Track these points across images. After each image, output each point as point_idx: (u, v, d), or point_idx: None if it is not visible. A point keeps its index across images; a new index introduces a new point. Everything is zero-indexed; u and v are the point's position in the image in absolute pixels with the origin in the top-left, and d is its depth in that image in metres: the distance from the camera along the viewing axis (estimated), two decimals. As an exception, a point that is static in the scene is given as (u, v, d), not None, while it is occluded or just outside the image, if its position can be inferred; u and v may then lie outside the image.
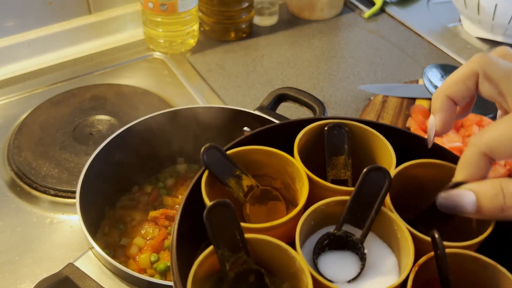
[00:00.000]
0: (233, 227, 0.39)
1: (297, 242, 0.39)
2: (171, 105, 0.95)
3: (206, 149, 0.43)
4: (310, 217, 0.41)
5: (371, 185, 0.40)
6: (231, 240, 0.39)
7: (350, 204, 0.41)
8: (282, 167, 0.46)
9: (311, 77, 1.04)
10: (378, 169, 0.41)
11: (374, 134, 0.46)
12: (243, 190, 0.44)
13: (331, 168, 0.46)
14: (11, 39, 1.02)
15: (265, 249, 0.40)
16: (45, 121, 0.90)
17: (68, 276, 0.58)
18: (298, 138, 0.46)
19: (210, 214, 0.38)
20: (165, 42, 1.06)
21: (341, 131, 0.46)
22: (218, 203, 0.39)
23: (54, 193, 0.79)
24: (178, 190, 0.77)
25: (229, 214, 0.39)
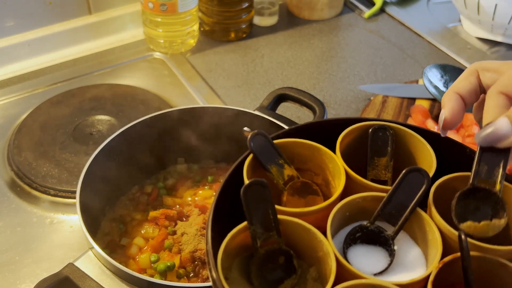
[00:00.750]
0: (267, 206, 0.41)
1: (328, 228, 0.40)
2: (171, 105, 0.95)
3: (253, 135, 0.45)
4: (345, 207, 0.42)
5: (409, 185, 0.42)
6: (264, 218, 0.40)
7: (386, 201, 0.42)
8: (324, 162, 0.47)
9: (311, 77, 1.04)
10: (417, 171, 0.42)
11: (418, 139, 0.47)
12: (283, 178, 0.46)
13: (372, 168, 0.48)
14: (11, 39, 1.02)
15: (295, 232, 0.41)
16: (45, 121, 0.90)
17: (68, 276, 0.58)
18: (342, 136, 0.47)
19: (247, 190, 0.40)
20: (165, 42, 1.06)
21: (385, 133, 0.48)
22: (256, 182, 0.41)
23: (54, 193, 0.79)
24: (178, 190, 0.77)
25: (265, 194, 0.41)
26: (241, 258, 0.42)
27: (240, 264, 0.42)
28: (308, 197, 0.47)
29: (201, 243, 0.67)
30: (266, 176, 0.45)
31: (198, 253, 0.66)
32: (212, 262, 0.39)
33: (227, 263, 0.41)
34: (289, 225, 0.41)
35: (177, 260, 0.66)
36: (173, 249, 0.68)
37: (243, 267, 0.42)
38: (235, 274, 0.41)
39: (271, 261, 0.41)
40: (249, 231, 0.40)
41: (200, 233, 0.68)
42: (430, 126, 0.84)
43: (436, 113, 0.91)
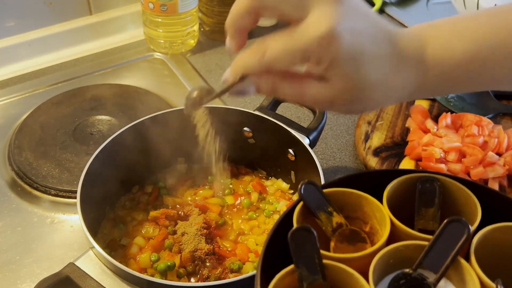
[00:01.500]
0: (313, 251, 0.43)
1: (370, 274, 0.42)
2: (171, 105, 0.95)
3: (304, 184, 0.48)
4: (387, 255, 0.44)
5: (450, 235, 0.43)
6: (310, 262, 0.43)
7: (428, 249, 0.44)
8: (371, 211, 0.49)
9: (311, 77, 1.04)
10: (458, 221, 0.44)
11: (464, 190, 0.49)
12: (332, 225, 0.48)
13: (420, 218, 0.49)
14: (12, 39, 1.02)
15: (340, 276, 0.44)
16: (46, 121, 0.90)
17: (68, 275, 0.58)
18: (389, 187, 0.49)
19: (294, 235, 0.43)
20: (166, 42, 1.06)
21: (433, 185, 0.50)
22: (302, 227, 0.44)
23: (54, 193, 0.79)
24: (179, 190, 0.78)
25: (311, 239, 0.43)
26: None
27: None
28: (356, 244, 0.49)
29: (201, 242, 0.68)
30: (316, 223, 0.48)
31: (198, 253, 0.67)
32: None
33: None
34: (334, 269, 0.44)
35: (177, 259, 0.66)
36: (173, 249, 0.68)
37: None
38: None
39: None
40: (296, 273, 0.43)
41: (200, 233, 0.68)
42: (430, 126, 0.84)
43: (436, 113, 0.91)
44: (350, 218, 0.50)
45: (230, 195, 0.77)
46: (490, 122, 0.84)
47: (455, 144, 0.80)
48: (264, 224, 0.74)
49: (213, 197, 0.76)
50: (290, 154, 0.75)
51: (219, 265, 0.67)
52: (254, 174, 0.81)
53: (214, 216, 0.72)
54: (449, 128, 0.84)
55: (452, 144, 0.80)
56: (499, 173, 0.78)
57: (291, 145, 0.74)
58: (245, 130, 0.78)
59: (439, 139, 0.81)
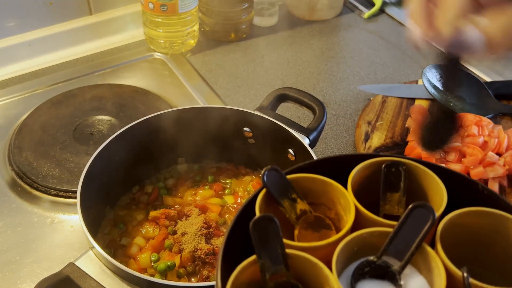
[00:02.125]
0: (276, 241, 0.42)
1: (333, 262, 0.41)
2: (171, 105, 0.95)
3: (267, 170, 0.46)
4: (352, 242, 0.43)
5: (415, 221, 0.42)
6: (273, 252, 0.42)
7: (392, 236, 0.42)
8: (336, 197, 0.48)
9: (311, 77, 1.05)
10: (423, 206, 0.42)
11: (430, 175, 0.48)
12: (296, 212, 0.47)
13: (385, 204, 0.48)
14: (12, 39, 1.03)
15: (303, 266, 0.42)
16: (46, 121, 0.90)
17: (68, 275, 0.58)
18: (354, 172, 0.48)
19: (256, 224, 0.42)
20: (166, 42, 1.06)
21: (398, 169, 0.48)
22: (264, 217, 0.42)
23: (54, 193, 0.79)
24: (179, 190, 0.78)
25: (274, 228, 0.42)
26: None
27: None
28: (321, 231, 0.48)
29: (201, 242, 0.68)
30: (279, 211, 0.46)
31: (198, 253, 0.67)
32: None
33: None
34: (297, 259, 0.42)
35: (178, 259, 0.66)
36: (174, 249, 0.68)
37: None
38: None
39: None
40: (258, 264, 0.41)
41: (200, 233, 0.68)
42: (430, 126, 0.84)
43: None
44: (314, 204, 0.49)
45: (230, 195, 0.77)
46: (490, 122, 0.84)
47: (455, 144, 0.80)
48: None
49: (213, 197, 0.76)
50: (290, 154, 0.75)
51: (219, 265, 0.67)
52: (254, 174, 0.81)
53: (214, 216, 0.72)
54: (449, 128, 0.84)
55: (452, 144, 0.80)
56: (499, 173, 0.78)
57: (291, 145, 0.74)
58: (245, 130, 0.78)
59: (439, 139, 0.81)
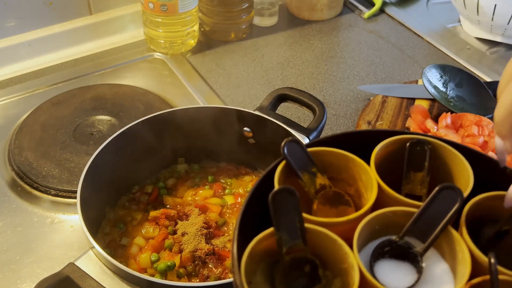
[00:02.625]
0: (295, 214, 0.40)
1: (354, 240, 0.40)
2: (171, 105, 0.95)
3: (287, 142, 0.45)
4: (374, 221, 0.42)
5: (442, 202, 0.41)
6: (291, 226, 0.40)
7: (417, 217, 0.41)
8: (357, 173, 0.46)
9: (311, 77, 1.05)
10: (451, 188, 0.41)
11: (456, 155, 0.46)
12: (315, 187, 0.45)
13: (407, 183, 0.46)
14: (12, 39, 1.03)
15: (322, 241, 0.41)
16: (46, 121, 0.90)
17: (68, 275, 0.58)
18: (378, 148, 0.46)
19: (275, 197, 0.40)
20: (166, 42, 1.06)
21: (423, 148, 0.46)
22: (284, 189, 0.40)
23: (54, 193, 0.79)
24: (179, 190, 0.78)
25: (293, 201, 0.40)
26: (266, 264, 0.42)
27: (264, 269, 0.42)
28: (339, 207, 0.46)
29: (201, 242, 0.68)
30: (298, 184, 0.45)
31: (198, 253, 0.67)
32: (236, 265, 0.39)
33: (252, 267, 0.40)
34: (316, 234, 0.41)
35: (178, 259, 0.66)
36: (174, 249, 0.68)
37: (268, 273, 0.41)
38: (259, 279, 0.41)
39: (296, 269, 0.41)
40: (275, 237, 0.40)
41: (200, 233, 0.68)
42: (430, 126, 0.84)
43: (436, 113, 0.91)
44: (334, 179, 0.47)
45: (230, 195, 0.77)
46: (490, 122, 0.84)
47: (455, 144, 0.80)
48: (264, 224, 0.74)
49: (213, 197, 0.76)
50: (290, 154, 0.75)
51: (219, 265, 0.67)
52: (254, 174, 0.81)
53: (214, 216, 0.72)
54: (449, 128, 0.84)
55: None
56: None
57: (291, 145, 0.74)
58: (245, 130, 0.78)
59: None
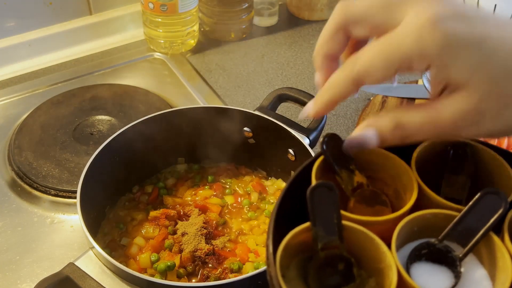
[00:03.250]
0: (333, 210, 0.40)
1: (393, 240, 0.39)
2: (171, 105, 0.95)
3: (327, 137, 0.44)
4: (413, 222, 0.41)
5: (485, 207, 0.40)
6: (328, 221, 0.40)
7: (458, 221, 0.40)
8: (397, 173, 0.46)
9: (311, 77, 1.04)
10: (496, 193, 0.40)
11: (499, 161, 0.45)
12: (352, 184, 0.44)
13: (447, 186, 0.46)
14: (12, 39, 1.03)
15: (358, 240, 0.40)
16: (46, 121, 0.90)
17: (68, 275, 0.58)
18: (419, 149, 0.45)
19: (313, 191, 0.39)
20: (166, 42, 1.06)
21: (465, 151, 0.46)
22: (324, 184, 0.40)
23: (54, 193, 0.79)
24: (179, 190, 0.78)
25: (331, 197, 0.40)
26: (301, 258, 0.41)
27: (299, 264, 0.41)
28: (376, 207, 0.45)
29: (201, 242, 0.68)
30: (335, 181, 0.44)
31: (198, 253, 0.67)
32: (271, 258, 0.38)
33: (286, 261, 0.40)
34: (353, 232, 0.40)
35: (177, 259, 0.66)
36: (173, 249, 0.68)
37: (302, 268, 0.41)
38: (292, 274, 0.40)
39: (330, 266, 0.40)
40: (311, 232, 0.40)
41: (200, 233, 0.68)
42: (430, 126, 0.84)
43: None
44: (372, 178, 0.46)
45: (230, 195, 0.77)
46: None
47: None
48: (264, 224, 0.73)
49: (213, 197, 0.76)
50: (290, 154, 0.75)
51: (219, 265, 0.67)
52: (254, 174, 0.81)
53: (214, 216, 0.72)
54: (449, 128, 0.84)
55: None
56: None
57: (291, 145, 0.74)
58: (245, 130, 0.78)
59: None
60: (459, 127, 0.37)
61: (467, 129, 0.37)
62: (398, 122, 0.38)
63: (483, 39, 0.35)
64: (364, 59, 0.37)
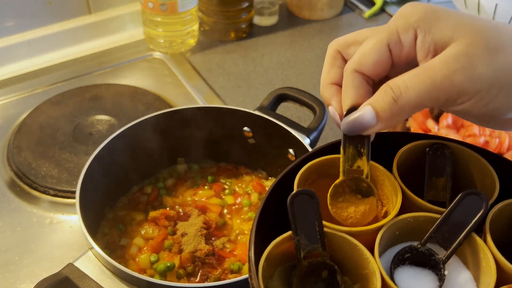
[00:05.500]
0: (314, 218, 0.39)
1: (376, 246, 0.39)
2: (171, 105, 0.95)
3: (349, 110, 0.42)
4: (395, 226, 0.41)
5: (466, 208, 0.40)
6: (310, 230, 0.39)
7: (440, 223, 0.40)
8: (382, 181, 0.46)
9: (311, 77, 1.04)
10: (476, 194, 0.40)
11: (479, 160, 0.45)
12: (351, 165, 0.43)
13: (430, 189, 0.46)
14: (11, 39, 1.02)
15: (341, 247, 0.40)
16: (45, 121, 0.90)
17: (68, 276, 0.58)
18: (399, 154, 0.45)
19: (294, 200, 0.39)
20: (165, 42, 1.06)
21: (444, 153, 0.46)
22: (304, 191, 0.40)
23: (54, 193, 0.79)
24: (178, 190, 0.77)
25: (313, 205, 0.39)
26: (284, 268, 0.41)
27: (282, 274, 0.41)
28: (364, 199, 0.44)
29: (201, 243, 0.67)
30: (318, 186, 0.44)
31: (198, 253, 0.66)
32: (253, 270, 0.38)
33: (269, 271, 0.40)
34: (335, 239, 0.40)
35: (177, 260, 0.66)
36: (173, 249, 0.68)
37: (285, 278, 0.41)
38: (276, 284, 0.40)
39: (314, 274, 0.40)
40: (293, 241, 0.40)
41: (200, 233, 0.68)
42: (430, 126, 0.84)
43: (436, 113, 0.91)
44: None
45: (230, 195, 0.77)
46: (491, 122, 0.84)
47: (456, 144, 0.79)
48: (264, 224, 0.73)
49: (213, 197, 0.76)
50: (290, 154, 0.75)
51: (219, 266, 0.67)
52: (254, 174, 0.81)
53: (214, 216, 0.72)
54: (450, 128, 0.84)
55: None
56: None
57: (291, 145, 0.74)
58: (245, 130, 0.78)
59: (439, 139, 0.81)
60: (452, 71, 0.38)
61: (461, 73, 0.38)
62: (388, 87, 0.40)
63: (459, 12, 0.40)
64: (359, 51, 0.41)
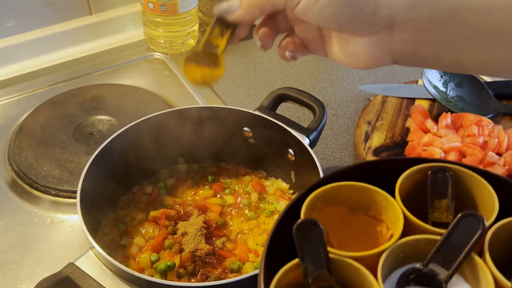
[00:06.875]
0: (319, 246, 0.42)
1: (379, 269, 0.41)
2: (171, 105, 0.95)
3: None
4: (398, 249, 0.43)
5: (464, 230, 0.42)
6: (316, 256, 0.42)
7: (440, 244, 0.42)
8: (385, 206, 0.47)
9: (311, 77, 1.04)
10: (473, 215, 0.42)
11: (479, 180, 0.47)
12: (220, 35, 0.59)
13: (433, 211, 0.47)
14: (12, 39, 1.03)
15: (347, 271, 0.43)
16: (46, 121, 0.90)
17: (68, 275, 0.58)
18: (401, 179, 0.47)
19: (299, 229, 0.42)
20: (166, 42, 1.06)
21: (445, 175, 0.47)
22: (308, 221, 0.42)
23: (54, 193, 0.79)
24: (178, 190, 0.78)
25: (317, 233, 0.42)
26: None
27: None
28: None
29: (201, 242, 0.68)
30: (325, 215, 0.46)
31: (198, 253, 0.67)
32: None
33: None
34: (340, 264, 0.42)
35: (177, 259, 0.66)
36: (173, 249, 0.68)
37: None
38: None
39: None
40: (301, 268, 0.42)
41: (200, 233, 0.68)
42: (430, 126, 0.84)
43: (436, 113, 0.91)
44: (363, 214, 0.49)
45: (230, 195, 0.77)
46: (490, 122, 0.84)
47: (455, 144, 0.80)
48: (264, 224, 0.74)
49: (213, 197, 0.76)
50: (290, 154, 0.75)
51: (219, 265, 0.67)
52: (254, 174, 0.81)
53: (214, 216, 0.72)
54: (449, 128, 0.84)
55: (452, 144, 0.80)
56: (499, 173, 0.78)
57: (291, 145, 0.74)
58: (245, 130, 0.78)
59: (439, 139, 0.81)
60: None
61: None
62: None
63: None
64: None
